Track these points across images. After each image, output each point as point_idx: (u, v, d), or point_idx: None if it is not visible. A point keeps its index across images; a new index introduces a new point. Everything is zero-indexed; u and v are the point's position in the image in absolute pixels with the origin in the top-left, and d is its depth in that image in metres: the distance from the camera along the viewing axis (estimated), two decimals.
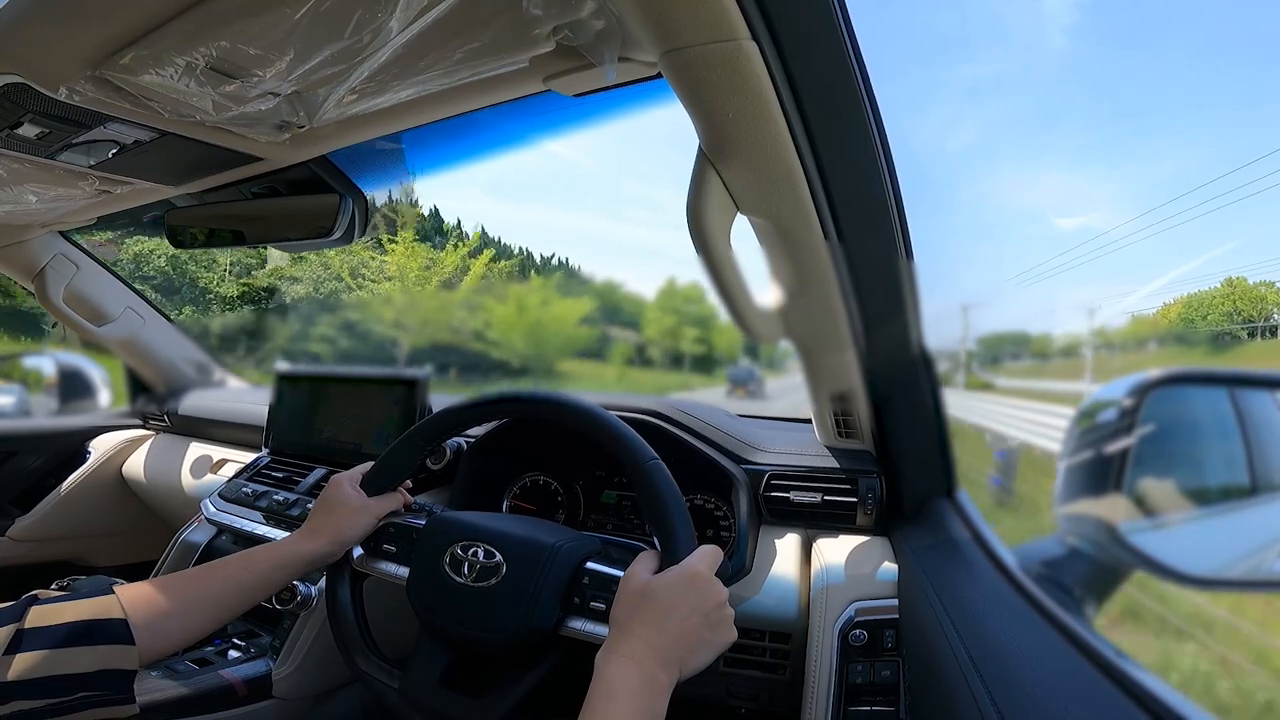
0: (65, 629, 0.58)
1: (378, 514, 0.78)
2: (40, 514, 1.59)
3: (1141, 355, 14.12)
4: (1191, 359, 13.19)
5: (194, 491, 1.45)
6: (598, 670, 0.55)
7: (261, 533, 1.11)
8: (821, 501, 0.92)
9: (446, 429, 0.80)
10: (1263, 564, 0.61)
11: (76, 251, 1.50)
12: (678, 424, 1.01)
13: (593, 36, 0.56)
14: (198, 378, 1.81)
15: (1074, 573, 0.65)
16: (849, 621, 0.79)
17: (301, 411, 1.33)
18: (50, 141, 0.82)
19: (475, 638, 0.67)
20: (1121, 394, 0.57)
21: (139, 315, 1.64)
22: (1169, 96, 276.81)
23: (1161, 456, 0.56)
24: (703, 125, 0.57)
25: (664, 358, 20.91)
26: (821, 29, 0.51)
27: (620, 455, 0.68)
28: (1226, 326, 12.56)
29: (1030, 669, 0.52)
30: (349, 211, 0.96)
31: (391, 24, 0.55)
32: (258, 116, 0.72)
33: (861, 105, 0.57)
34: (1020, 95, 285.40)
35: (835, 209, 0.64)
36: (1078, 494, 0.59)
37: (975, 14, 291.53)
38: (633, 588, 0.60)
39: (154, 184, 1.03)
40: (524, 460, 1.13)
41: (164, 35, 0.57)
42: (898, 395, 0.84)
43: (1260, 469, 0.61)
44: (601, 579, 0.67)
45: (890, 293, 0.73)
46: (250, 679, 0.96)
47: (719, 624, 0.60)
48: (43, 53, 0.62)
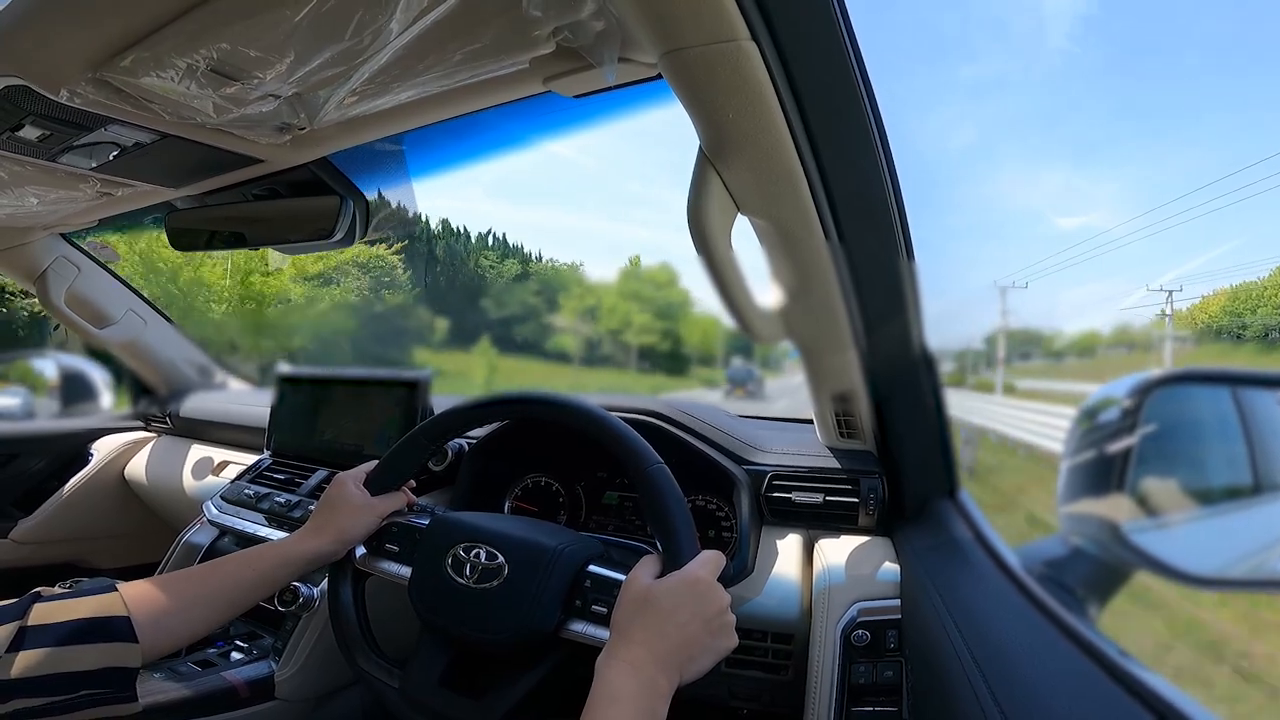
0: (68, 626, 0.59)
1: (381, 513, 0.78)
2: (42, 516, 1.59)
3: (1194, 351, 13.38)
4: (1240, 359, 12.62)
5: (196, 493, 1.46)
6: (598, 674, 0.55)
7: (264, 534, 1.11)
8: (823, 502, 0.92)
9: (449, 429, 0.80)
10: (1265, 564, 0.61)
11: (78, 254, 1.50)
12: (679, 425, 1.01)
13: (593, 37, 0.56)
14: (199, 380, 1.81)
15: (1076, 572, 0.65)
16: (851, 622, 0.79)
17: (303, 413, 1.33)
18: (51, 144, 0.82)
19: (476, 638, 0.67)
20: (1123, 393, 0.56)
21: (140, 318, 1.64)
22: (1168, 96, 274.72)
23: (1164, 456, 0.56)
24: (703, 126, 0.57)
25: (621, 351, 19.92)
26: (821, 29, 0.51)
27: (624, 459, 0.68)
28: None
29: (1033, 669, 0.52)
30: (349, 213, 0.96)
31: (391, 25, 0.55)
32: (258, 118, 0.72)
33: (861, 105, 0.57)
34: (1021, 95, 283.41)
35: (836, 209, 0.64)
36: (1080, 494, 0.58)
37: (975, 14, 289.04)
38: (634, 592, 0.60)
39: (155, 186, 1.03)
40: (525, 461, 1.13)
41: (165, 37, 0.58)
42: (899, 395, 0.83)
43: (1263, 468, 0.61)
44: (603, 582, 0.66)
45: (891, 292, 0.73)
46: (253, 680, 0.96)
47: (720, 630, 0.60)
48: (44, 55, 0.62)
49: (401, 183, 1.01)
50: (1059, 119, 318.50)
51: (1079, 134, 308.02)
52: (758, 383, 17.42)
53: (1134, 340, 22.55)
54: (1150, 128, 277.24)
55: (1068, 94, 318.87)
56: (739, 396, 16.17)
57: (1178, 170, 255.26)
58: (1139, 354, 21.14)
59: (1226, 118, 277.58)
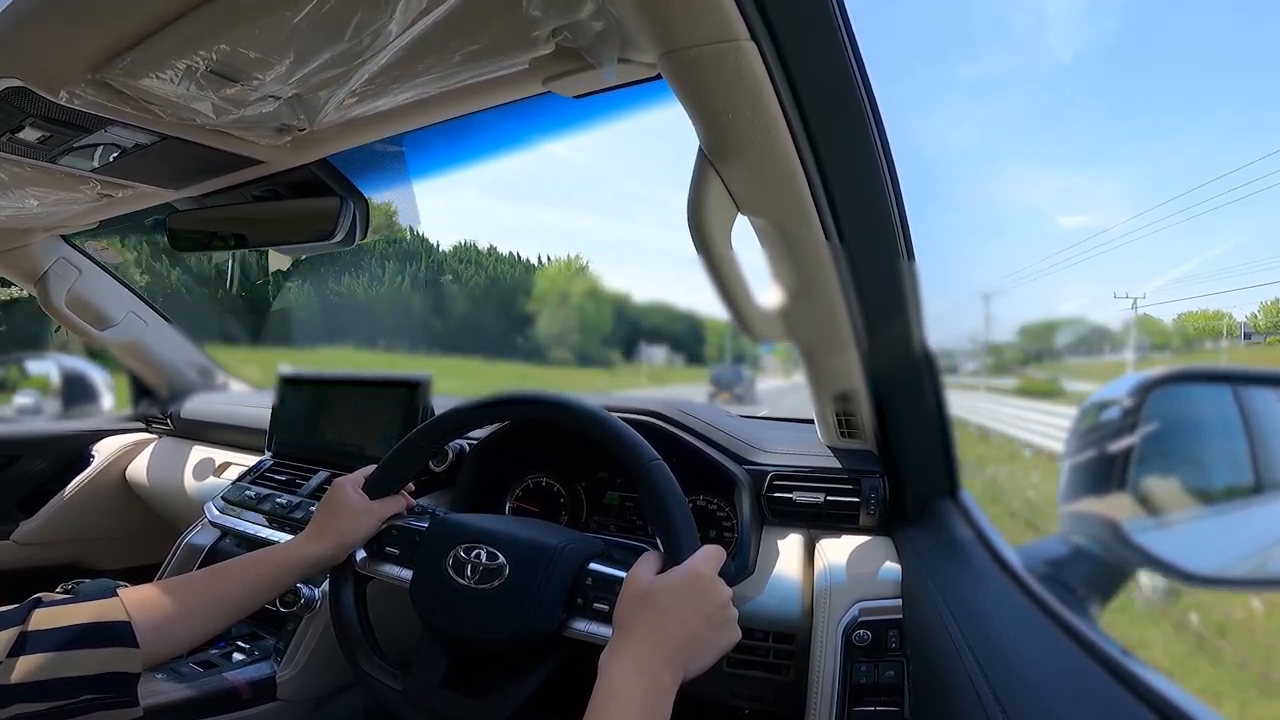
0: (69, 632, 0.58)
1: (380, 517, 0.78)
2: (44, 518, 1.60)
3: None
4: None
5: (197, 494, 1.46)
6: (601, 671, 0.55)
7: (265, 535, 1.11)
8: (824, 502, 0.92)
9: (448, 431, 0.80)
10: (1267, 562, 0.61)
11: (78, 255, 1.50)
12: (679, 425, 1.01)
13: (592, 38, 0.56)
14: (200, 381, 1.81)
15: (1078, 572, 0.65)
16: (853, 622, 0.79)
17: (304, 414, 1.33)
18: (51, 145, 0.82)
19: (478, 639, 0.67)
20: (1124, 393, 0.56)
21: (141, 319, 1.64)
22: (1169, 96, 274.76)
23: (1165, 455, 0.56)
24: (702, 126, 0.56)
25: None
26: (821, 29, 0.51)
27: (622, 456, 0.68)
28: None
29: (1035, 669, 0.52)
30: (349, 214, 0.96)
31: (391, 26, 0.55)
32: (258, 119, 0.72)
33: (861, 105, 0.57)
34: (1021, 94, 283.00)
35: (835, 209, 0.64)
36: (1082, 493, 0.58)
37: (976, 13, 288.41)
38: (635, 588, 0.60)
39: (155, 187, 1.03)
40: (526, 462, 1.13)
41: (164, 39, 0.58)
42: (900, 394, 0.83)
43: (1264, 467, 0.61)
44: (604, 580, 0.66)
45: (891, 292, 0.73)
46: (254, 681, 0.96)
47: (722, 624, 0.60)
48: (44, 56, 0.62)
49: (401, 183, 1.01)
50: (1059, 118, 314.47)
51: (1078, 133, 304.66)
52: (747, 385, 15.23)
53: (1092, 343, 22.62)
54: (1149, 126, 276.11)
55: (1067, 93, 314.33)
56: (725, 401, 13.52)
57: (1177, 170, 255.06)
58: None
59: (1227, 114, 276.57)
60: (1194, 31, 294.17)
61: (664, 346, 18.26)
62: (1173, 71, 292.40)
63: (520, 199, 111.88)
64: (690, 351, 22.22)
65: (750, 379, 15.54)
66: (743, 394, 14.49)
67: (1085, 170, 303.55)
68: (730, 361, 17.34)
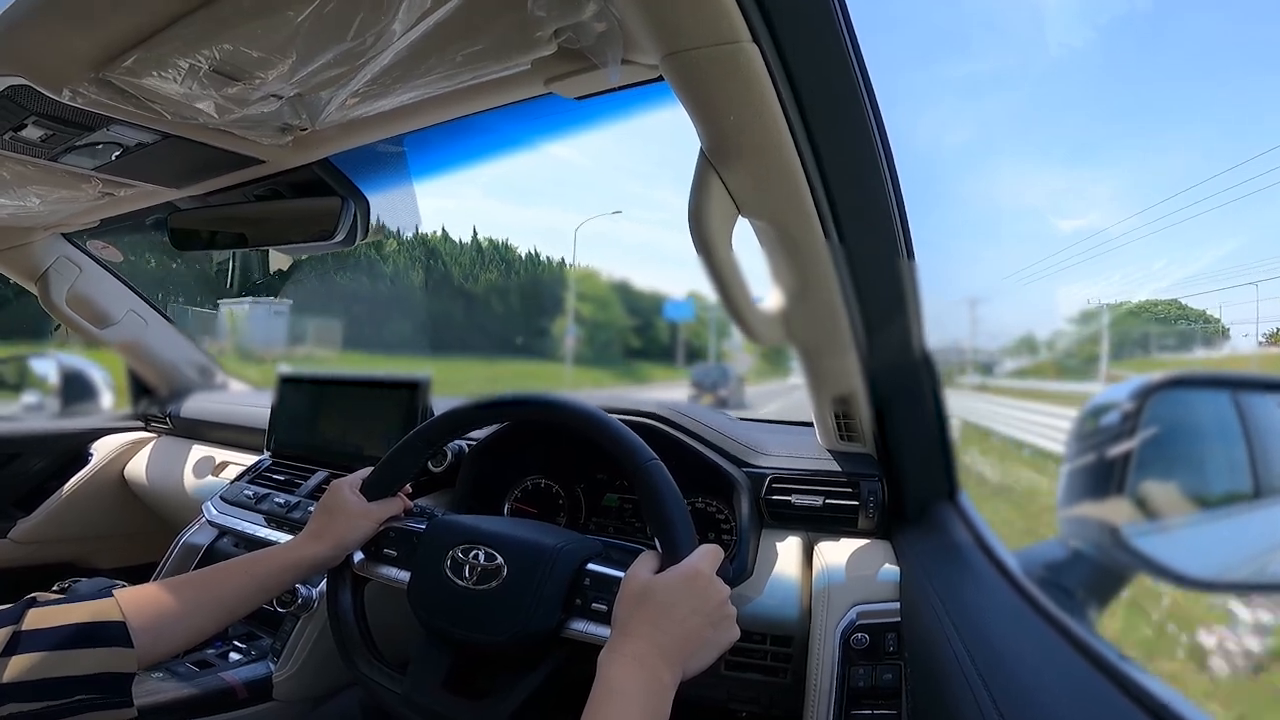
0: (63, 631, 0.58)
1: (378, 519, 0.78)
2: (42, 516, 1.59)
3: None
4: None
5: (196, 494, 1.45)
6: (600, 670, 0.55)
7: (263, 535, 1.11)
8: (823, 505, 0.92)
9: (446, 432, 0.80)
10: (1266, 567, 0.61)
11: (79, 254, 1.50)
12: (678, 427, 1.01)
13: (595, 39, 0.57)
14: (200, 380, 1.81)
15: (1076, 576, 0.65)
16: (851, 625, 0.79)
17: (303, 414, 1.33)
18: (53, 144, 0.82)
19: (477, 640, 0.67)
20: (1124, 397, 0.57)
21: (141, 318, 1.64)
22: (1169, 96, 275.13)
23: (1164, 460, 0.56)
24: (704, 128, 0.57)
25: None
26: (823, 31, 0.51)
27: (619, 456, 0.68)
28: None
29: (1033, 673, 0.52)
30: (351, 214, 0.96)
31: (394, 27, 0.55)
32: (260, 119, 0.72)
33: (862, 107, 0.57)
34: (1020, 93, 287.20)
35: (836, 211, 0.64)
36: (1081, 497, 0.58)
37: (975, 13, 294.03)
38: (634, 588, 0.60)
39: (157, 186, 1.03)
40: (525, 463, 1.13)
41: (167, 38, 0.58)
42: (899, 398, 0.83)
43: (1263, 472, 0.61)
44: (603, 580, 0.66)
45: (892, 294, 0.73)
46: (251, 681, 0.95)
47: (721, 623, 0.60)
48: (46, 55, 0.62)
49: (402, 183, 1.01)
50: (1060, 117, 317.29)
51: (1077, 132, 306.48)
52: (733, 386, 13.57)
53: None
54: (1150, 126, 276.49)
55: (1068, 93, 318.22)
56: (708, 404, 12.19)
57: (1177, 168, 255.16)
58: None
59: (1228, 114, 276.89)
60: (1194, 31, 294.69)
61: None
62: (1172, 72, 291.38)
63: (521, 199, 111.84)
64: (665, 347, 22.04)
65: (737, 379, 13.93)
66: (727, 396, 13.04)
67: (1082, 170, 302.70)
68: (714, 359, 16.29)
